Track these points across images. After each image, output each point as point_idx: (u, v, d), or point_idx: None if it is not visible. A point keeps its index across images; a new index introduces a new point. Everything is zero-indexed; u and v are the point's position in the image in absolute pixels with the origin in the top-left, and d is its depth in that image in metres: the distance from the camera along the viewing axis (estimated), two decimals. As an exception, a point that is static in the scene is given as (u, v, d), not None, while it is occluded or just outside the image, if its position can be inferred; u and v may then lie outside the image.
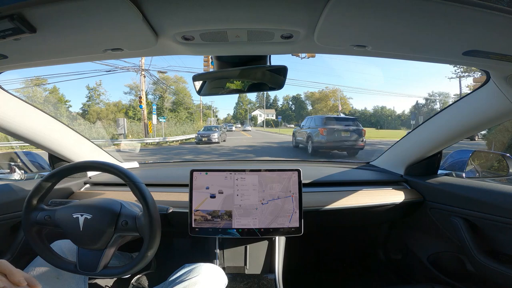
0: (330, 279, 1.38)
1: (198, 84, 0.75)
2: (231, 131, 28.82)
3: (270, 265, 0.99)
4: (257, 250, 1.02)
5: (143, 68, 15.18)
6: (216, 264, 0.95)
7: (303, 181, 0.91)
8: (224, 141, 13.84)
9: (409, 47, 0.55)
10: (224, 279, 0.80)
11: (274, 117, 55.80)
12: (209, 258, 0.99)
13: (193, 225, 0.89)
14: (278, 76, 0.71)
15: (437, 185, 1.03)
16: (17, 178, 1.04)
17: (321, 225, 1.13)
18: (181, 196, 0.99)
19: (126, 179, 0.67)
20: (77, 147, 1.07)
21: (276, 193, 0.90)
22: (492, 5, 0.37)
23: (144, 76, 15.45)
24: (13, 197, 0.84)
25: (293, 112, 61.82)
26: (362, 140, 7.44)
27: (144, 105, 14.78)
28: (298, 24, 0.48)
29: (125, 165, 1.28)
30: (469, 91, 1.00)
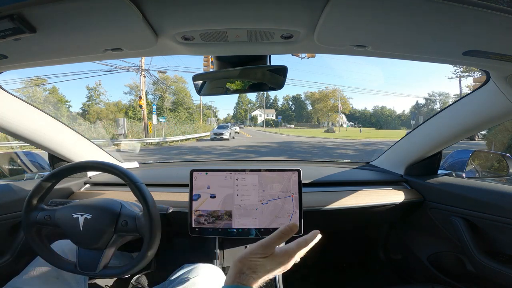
0: (330, 279, 1.38)
1: (198, 84, 0.75)
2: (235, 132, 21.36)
3: None
4: None
5: (143, 68, 15.18)
6: (216, 264, 0.95)
7: (303, 181, 0.91)
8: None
9: (409, 47, 0.55)
10: (223, 280, 0.80)
11: (274, 117, 55.81)
12: (209, 258, 0.99)
13: (193, 225, 0.89)
14: (278, 76, 0.70)
15: (437, 185, 1.03)
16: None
17: (321, 225, 1.13)
18: (181, 196, 0.99)
19: (126, 179, 0.68)
20: (77, 147, 1.07)
21: (276, 193, 0.90)
22: (492, 5, 0.37)
23: (144, 76, 15.46)
24: (13, 197, 0.84)
25: (293, 112, 61.85)
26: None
27: (144, 105, 14.77)
28: (298, 24, 0.48)
29: (125, 165, 1.28)
30: (469, 91, 1.00)
